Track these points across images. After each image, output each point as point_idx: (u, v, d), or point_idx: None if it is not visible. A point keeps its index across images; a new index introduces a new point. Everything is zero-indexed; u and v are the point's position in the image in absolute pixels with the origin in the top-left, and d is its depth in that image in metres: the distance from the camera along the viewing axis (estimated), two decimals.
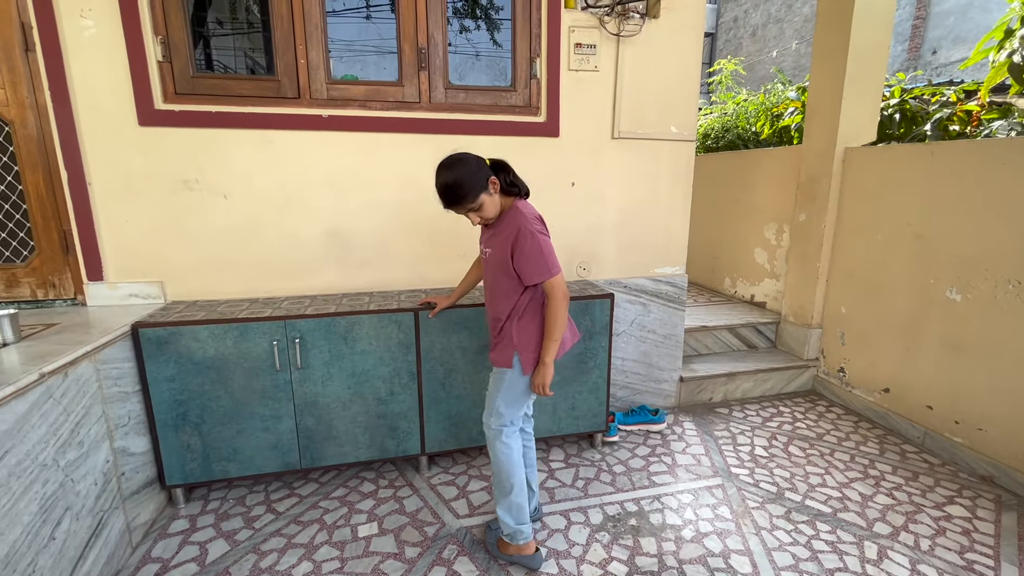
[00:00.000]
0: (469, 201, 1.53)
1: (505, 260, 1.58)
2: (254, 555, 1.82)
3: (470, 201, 1.53)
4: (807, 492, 2.18)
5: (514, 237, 1.56)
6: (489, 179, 1.55)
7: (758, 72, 11.54)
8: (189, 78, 2.09)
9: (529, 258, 1.54)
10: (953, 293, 2.40)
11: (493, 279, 1.68)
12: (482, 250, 1.73)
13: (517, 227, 1.56)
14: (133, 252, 2.17)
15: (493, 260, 1.65)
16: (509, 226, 1.59)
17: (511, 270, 1.59)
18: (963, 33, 8.15)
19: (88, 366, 1.63)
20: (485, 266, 1.72)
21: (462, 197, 1.52)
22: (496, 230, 1.64)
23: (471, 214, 1.58)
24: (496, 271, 1.65)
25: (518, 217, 1.58)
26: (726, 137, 4.88)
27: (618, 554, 1.83)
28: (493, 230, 1.66)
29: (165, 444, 1.97)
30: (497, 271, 1.64)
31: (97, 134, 2.04)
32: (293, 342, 2.01)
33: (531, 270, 1.56)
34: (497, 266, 1.63)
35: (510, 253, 1.57)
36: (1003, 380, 2.22)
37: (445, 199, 1.55)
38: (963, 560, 1.80)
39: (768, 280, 3.63)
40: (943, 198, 2.43)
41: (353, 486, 2.23)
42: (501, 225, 1.63)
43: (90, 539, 1.59)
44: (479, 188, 1.53)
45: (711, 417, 2.88)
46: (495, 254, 1.64)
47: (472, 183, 1.52)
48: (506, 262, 1.58)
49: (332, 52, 2.25)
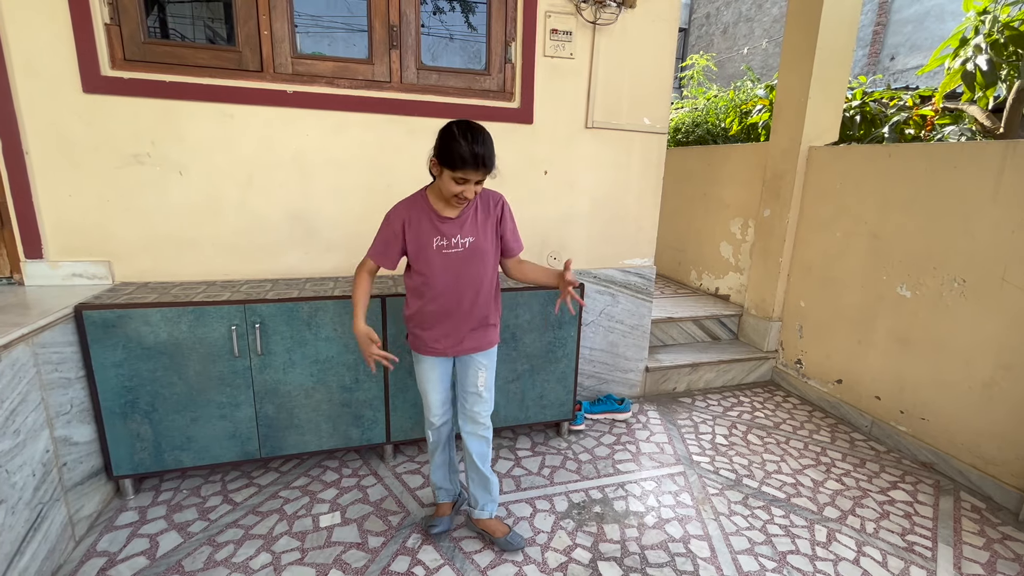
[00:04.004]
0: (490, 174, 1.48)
1: (489, 240, 1.61)
2: (209, 547, 1.76)
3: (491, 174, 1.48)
4: (763, 479, 2.27)
5: (500, 209, 1.62)
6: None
7: (728, 69, 11.76)
8: (140, 44, 1.95)
9: (515, 227, 1.67)
10: (903, 289, 2.51)
11: (467, 267, 1.57)
12: (451, 244, 1.55)
13: (499, 201, 1.63)
14: (77, 229, 2.03)
15: (475, 246, 1.57)
16: (486, 204, 1.61)
17: (495, 250, 1.63)
18: (920, 41, 8.51)
19: (24, 350, 1.52)
20: (456, 261, 1.56)
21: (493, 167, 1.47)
22: (466, 216, 1.57)
23: (469, 194, 1.46)
24: (474, 257, 1.57)
25: (492, 194, 1.63)
26: (696, 132, 4.96)
27: (582, 541, 1.86)
28: (462, 219, 1.56)
29: (112, 433, 1.86)
30: (475, 257, 1.57)
31: (35, 99, 1.88)
32: (253, 327, 1.93)
33: (516, 241, 1.68)
34: (477, 251, 1.57)
35: (496, 227, 1.62)
36: (945, 373, 2.35)
37: (485, 164, 1.42)
38: (904, 542, 1.91)
39: (732, 274, 3.73)
40: (897, 198, 2.53)
41: (315, 475, 2.18)
42: (473, 209, 1.58)
43: (28, 533, 1.49)
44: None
45: (675, 406, 2.95)
46: (478, 239, 1.57)
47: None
48: (491, 242, 1.61)
49: (298, 26, 2.14)
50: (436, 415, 1.75)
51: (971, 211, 2.21)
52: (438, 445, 1.83)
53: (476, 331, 1.67)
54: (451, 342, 1.64)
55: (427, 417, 1.78)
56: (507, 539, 1.79)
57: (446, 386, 1.75)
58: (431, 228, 1.55)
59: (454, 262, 1.57)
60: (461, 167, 1.40)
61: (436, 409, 1.74)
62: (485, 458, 1.78)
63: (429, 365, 1.69)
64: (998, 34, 2.94)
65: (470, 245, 1.57)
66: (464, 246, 1.56)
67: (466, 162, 1.39)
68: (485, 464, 1.78)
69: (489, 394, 1.74)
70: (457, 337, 1.64)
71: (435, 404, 1.74)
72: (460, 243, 1.56)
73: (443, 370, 1.72)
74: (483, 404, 1.73)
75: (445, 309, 1.60)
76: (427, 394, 1.73)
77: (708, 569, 1.74)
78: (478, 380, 1.70)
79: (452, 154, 1.40)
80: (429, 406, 1.75)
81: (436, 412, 1.75)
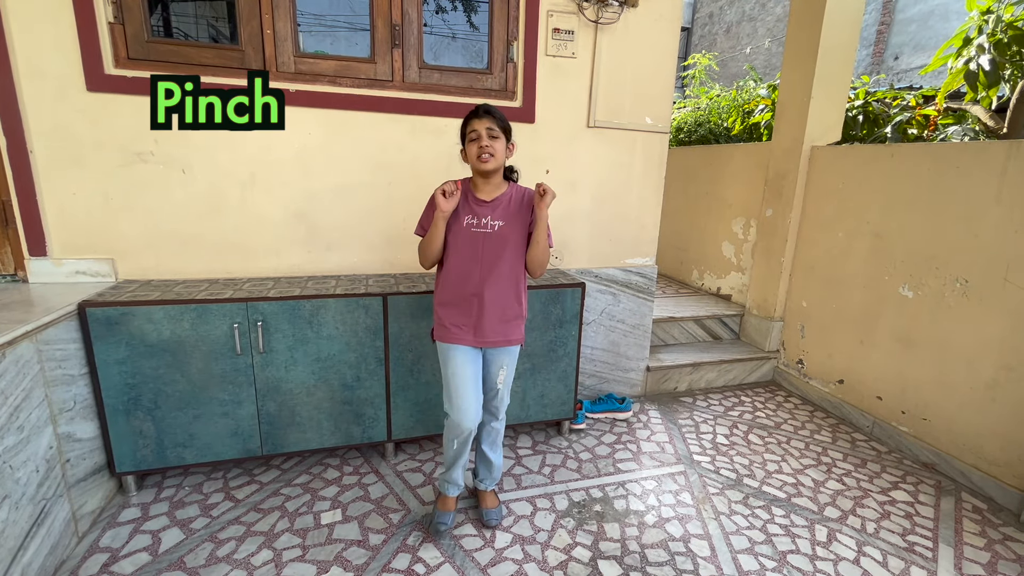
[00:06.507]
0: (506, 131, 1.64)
1: (517, 230, 1.67)
2: (211, 543, 1.76)
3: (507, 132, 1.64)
4: (764, 478, 2.27)
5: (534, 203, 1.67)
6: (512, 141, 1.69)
7: (731, 68, 11.73)
8: (143, 43, 1.96)
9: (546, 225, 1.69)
10: (905, 289, 2.51)
11: (498, 254, 1.65)
12: (480, 224, 1.64)
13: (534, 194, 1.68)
14: (80, 226, 2.04)
15: (504, 232, 1.65)
16: (522, 197, 1.70)
17: (519, 239, 1.68)
18: (924, 40, 8.47)
19: (28, 346, 1.53)
20: (483, 242, 1.64)
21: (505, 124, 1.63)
22: (501, 202, 1.67)
23: (487, 143, 1.58)
24: (504, 244, 1.66)
25: (529, 189, 1.71)
26: (698, 131, 4.95)
27: (582, 539, 1.86)
28: (495, 204, 1.67)
29: (115, 429, 1.87)
30: (506, 244, 1.66)
31: (40, 98, 1.89)
32: (255, 325, 1.93)
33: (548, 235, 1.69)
34: (506, 238, 1.65)
35: (527, 220, 1.68)
36: (947, 373, 2.34)
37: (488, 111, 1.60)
38: (905, 542, 1.90)
39: (734, 273, 3.73)
40: (900, 198, 2.53)
41: (316, 473, 2.19)
42: (507, 198, 1.68)
43: (31, 528, 1.50)
44: (510, 134, 1.67)
45: (676, 406, 2.95)
46: (507, 225, 1.65)
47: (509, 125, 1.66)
48: (519, 233, 1.67)
49: (301, 25, 2.15)
50: (469, 418, 1.68)
51: (974, 211, 2.21)
52: (461, 453, 1.79)
53: (501, 324, 1.70)
54: (475, 332, 1.68)
55: (457, 421, 1.69)
56: (488, 512, 1.90)
57: (478, 385, 1.73)
58: (466, 207, 1.67)
59: (480, 242, 1.65)
60: (467, 123, 1.64)
61: (468, 410, 1.68)
62: (496, 444, 1.90)
63: (459, 359, 1.68)
64: (1001, 34, 2.93)
65: (499, 229, 1.65)
66: (493, 228, 1.65)
67: (466, 118, 1.64)
68: (495, 450, 1.89)
69: (507, 391, 1.83)
70: (481, 326, 1.68)
71: (467, 404, 1.68)
72: (490, 225, 1.65)
73: (475, 368, 1.72)
74: (501, 400, 1.82)
75: (468, 290, 1.66)
76: (458, 393, 1.68)
77: (708, 568, 1.75)
78: (499, 377, 1.77)
79: (463, 125, 1.65)
80: (460, 407, 1.68)
81: (468, 414, 1.68)
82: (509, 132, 1.65)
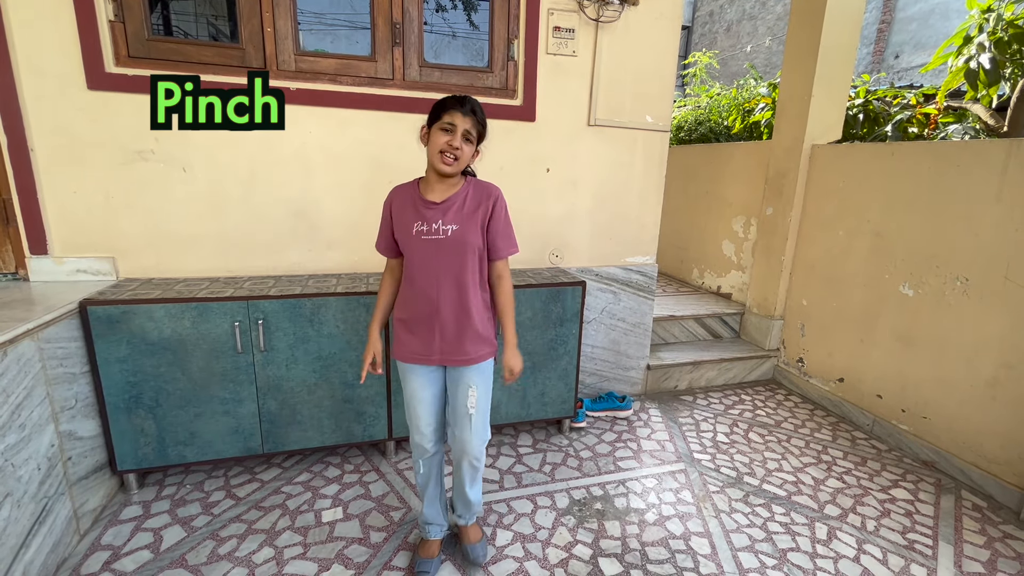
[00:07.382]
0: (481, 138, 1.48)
1: (474, 232, 1.46)
2: (212, 541, 1.77)
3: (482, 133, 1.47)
4: (764, 477, 2.27)
5: (492, 204, 1.49)
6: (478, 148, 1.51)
7: (731, 67, 11.72)
8: (144, 41, 1.96)
9: (506, 226, 1.52)
10: (906, 288, 2.51)
11: (446, 257, 1.46)
12: (431, 230, 1.45)
13: (494, 195, 1.50)
14: (81, 225, 2.04)
15: (458, 236, 1.45)
16: (479, 195, 1.49)
17: (479, 244, 1.48)
18: (924, 39, 8.47)
19: (30, 345, 1.53)
20: (434, 249, 1.46)
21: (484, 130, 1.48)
22: (454, 203, 1.46)
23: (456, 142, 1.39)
24: (460, 249, 1.46)
25: (488, 186, 1.52)
26: (699, 130, 4.94)
27: (583, 537, 1.86)
28: (447, 205, 1.46)
29: (116, 428, 1.87)
30: (457, 249, 1.46)
31: (40, 96, 1.89)
32: (256, 324, 1.94)
33: (505, 241, 1.52)
34: (459, 243, 1.45)
35: (484, 222, 1.48)
36: (947, 371, 2.34)
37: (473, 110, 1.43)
38: (905, 540, 1.91)
39: (735, 272, 3.73)
40: (900, 197, 2.53)
41: (317, 471, 2.19)
42: (462, 197, 1.48)
43: (33, 526, 1.51)
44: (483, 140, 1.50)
45: (676, 404, 2.95)
46: (462, 228, 1.45)
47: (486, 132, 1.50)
48: (475, 235, 1.47)
49: (301, 23, 2.14)
50: (428, 439, 1.58)
51: (974, 210, 2.21)
52: (429, 478, 1.64)
53: (463, 339, 1.50)
54: (434, 348, 1.50)
55: (417, 443, 1.59)
56: (472, 548, 1.72)
57: (437, 407, 1.59)
58: (414, 213, 1.47)
59: (432, 250, 1.45)
60: (446, 110, 1.40)
61: (426, 431, 1.57)
62: (475, 481, 1.66)
63: (418, 382, 1.54)
64: (1002, 32, 2.93)
65: (452, 233, 1.44)
66: (445, 233, 1.44)
67: (447, 105, 1.41)
68: (473, 487, 1.66)
69: (482, 420, 1.56)
70: (441, 342, 1.50)
71: (424, 426, 1.56)
72: (441, 230, 1.44)
73: (433, 389, 1.56)
74: (474, 432, 1.55)
75: (425, 304, 1.48)
76: (416, 414, 1.56)
77: (708, 566, 1.75)
78: (468, 400, 1.53)
79: (438, 107, 1.43)
80: (419, 428, 1.57)
81: (427, 436, 1.57)
82: (483, 138, 1.49)
